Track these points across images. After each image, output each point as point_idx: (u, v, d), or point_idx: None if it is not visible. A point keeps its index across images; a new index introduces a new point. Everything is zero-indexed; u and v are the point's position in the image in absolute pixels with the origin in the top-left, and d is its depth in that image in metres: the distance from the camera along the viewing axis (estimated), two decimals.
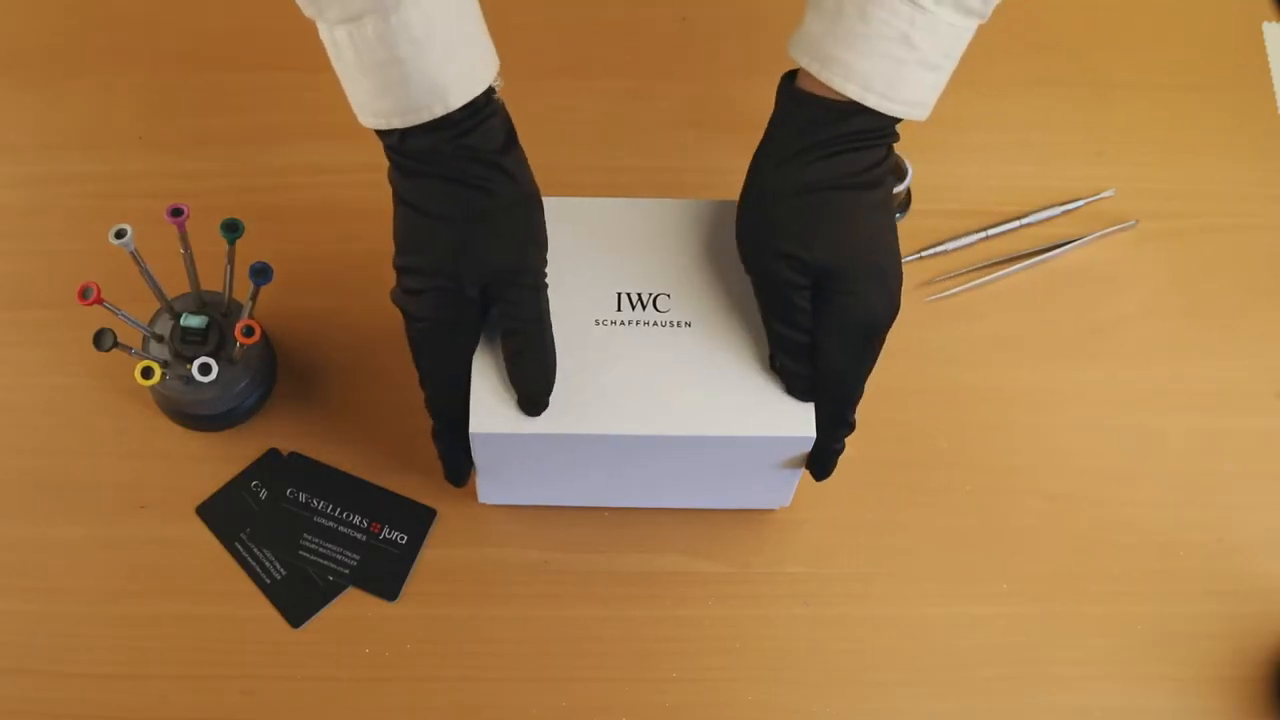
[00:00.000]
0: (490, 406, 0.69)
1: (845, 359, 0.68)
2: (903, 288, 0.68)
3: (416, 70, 0.63)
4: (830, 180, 0.66)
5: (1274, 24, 1.00)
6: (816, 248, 0.66)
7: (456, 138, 0.65)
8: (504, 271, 0.67)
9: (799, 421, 0.69)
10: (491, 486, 0.78)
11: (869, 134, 0.65)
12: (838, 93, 0.64)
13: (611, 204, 0.74)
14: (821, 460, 0.72)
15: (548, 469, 0.75)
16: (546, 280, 0.69)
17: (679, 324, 0.71)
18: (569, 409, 0.69)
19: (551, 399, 0.68)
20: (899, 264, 0.68)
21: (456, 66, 0.63)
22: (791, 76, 0.67)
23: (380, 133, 0.66)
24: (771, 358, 0.70)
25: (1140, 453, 0.85)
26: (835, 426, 0.70)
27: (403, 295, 0.68)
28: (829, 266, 0.66)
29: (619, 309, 0.71)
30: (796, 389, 0.69)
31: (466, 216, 0.66)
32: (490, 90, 0.66)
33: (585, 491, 0.80)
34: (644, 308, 0.71)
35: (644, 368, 0.69)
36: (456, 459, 0.73)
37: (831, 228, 0.66)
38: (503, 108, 0.67)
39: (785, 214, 0.66)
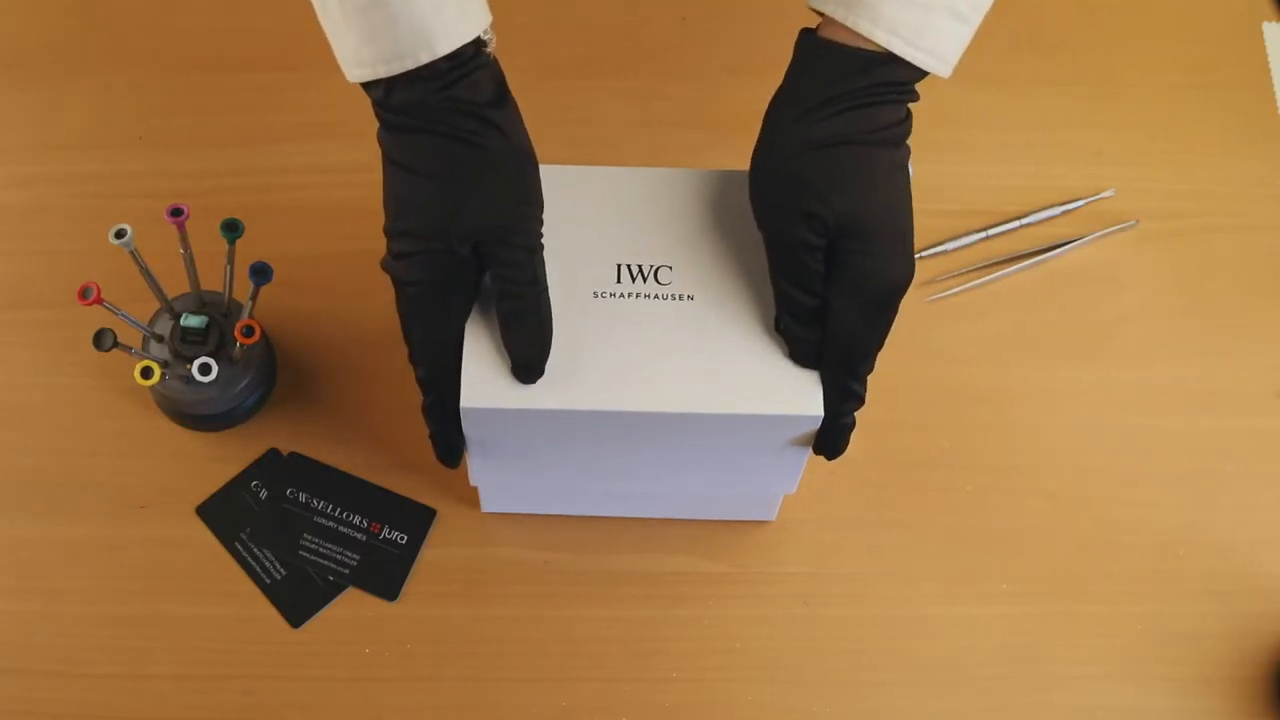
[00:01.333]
0: (483, 380, 0.66)
1: (859, 324, 0.65)
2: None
3: (403, 13, 0.61)
4: (852, 135, 0.64)
5: (1274, 24, 1.00)
6: (837, 204, 0.63)
7: (443, 89, 0.62)
8: (496, 230, 0.64)
9: (807, 400, 0.66)
10: (486, 475, 0.76)
11: (892, 87, 0.64)
12: (862, 39, 0.63)
13: (612, 173, 0.71)
14: (831, 436, 0.68)
15: (543, 453, 0.72)
16: (543, 242, 0.66)
17: (681, 297, 0.68)
18: (564, 384, 0.66)
19: (547, 373, 0.66)
20: (912, 230, 0.66)
21: (444, 12, 0.61)
22: (809, 32, 0.66)
23: (368, 89, 0.64)
24: (776, 320, 0.67)
25: (1140, 453, 0.85)
26: (844, 398, 0.67)
27: (392, 261, 0.65)
28: (849, 225, 0.63)
29: (618, 280, 0.68)
30: (801, 354, 0.66)
31: (455, 173, 0.63)
32: (480, 43, 0.64)
33: (583, 482, 0.78)
34: (645, 280, 0.68)
35: (644, 342, 0.67)
36: (449, 437, 0.69)
37: (852, 184, 0.63)
38: (495, 63, 0.65)
39: (805, 168, 0.64)
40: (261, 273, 0.76)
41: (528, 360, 0.65)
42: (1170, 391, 0.87)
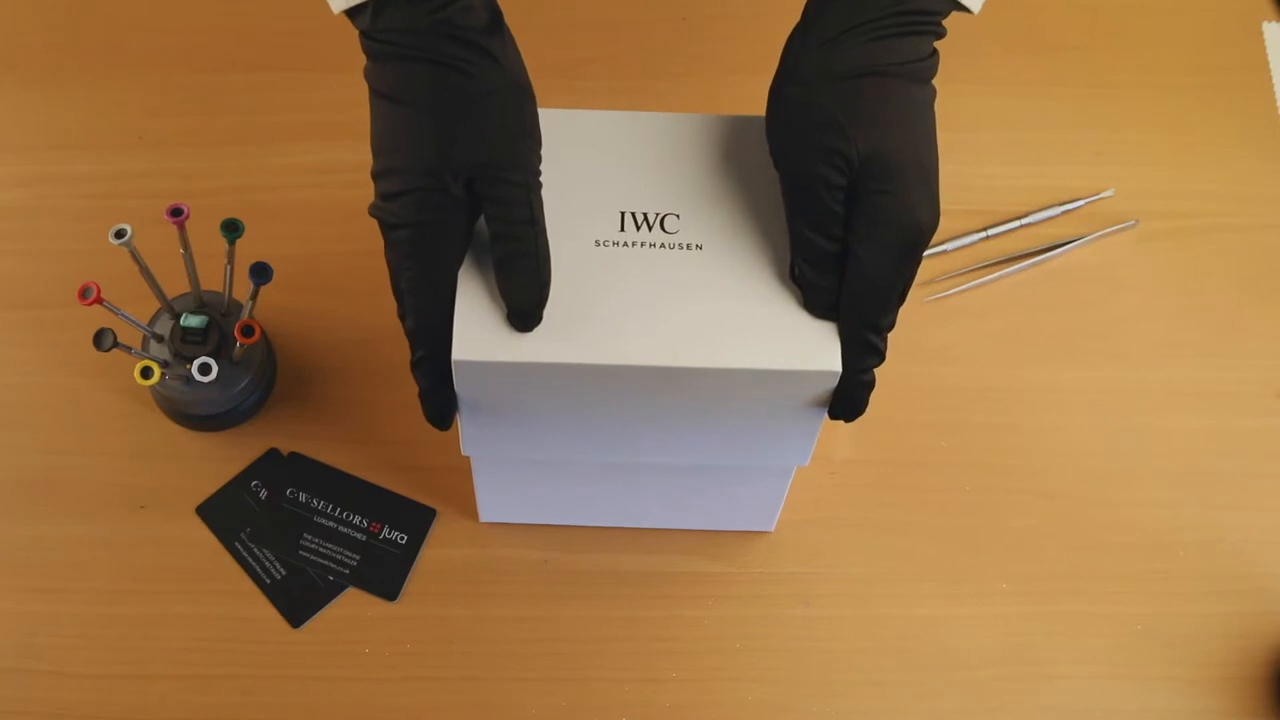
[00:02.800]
0: (476, 332, 0.61)
1: (881, 270, 0.61)
2: None
3: None
4: (880, 65, 0.60)
5: (1274, 24, 1.00)
6: (860, 139, 0.59)
7: (432, 12, 0.58)
8: (491, 164, 0.60)
9: (824, 355, 0.62)
10: (479, 443, 0.71)
11: (920, 17, 0.60)
12: None
13: (614, 117, 0.67)
14: (849, 394, 0.63)
15: (540, 415, 0.67)
16: (541, 181, 0.62)
17: (689, 246, 0.63)
18: (564, 337, 0.61)
19: (545, 326, 0.61)
20: (938, 172, 0.62)
21: None
22: None
23: (353, 18, 0.61)
24: (791, 267, 0.63)
25: (1140, 453, 0.85)
26: (863, 352, 0.62)
27: (380, 204, 0.61)
28: (873, 162, 0.60)
29: (622, 229, 0.64)
30: (817, 303, 0.62)
31: (446, 103, 0.59)
32: None
33: (581, 453, 0.72)
34: (650, 228, 0.64)
35: (649, 293, 0.62)
36: (439, 395, 0.65)
37: (877, 118, 0.60)
38: None
39: (826, 100, 0.60)
40: (261, 273, 0.76)
41: (525, 307, 0.61)
42: (1170, 391, 0.87)
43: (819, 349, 0.62)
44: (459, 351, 0.61)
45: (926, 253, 0.89)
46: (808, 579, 0.81)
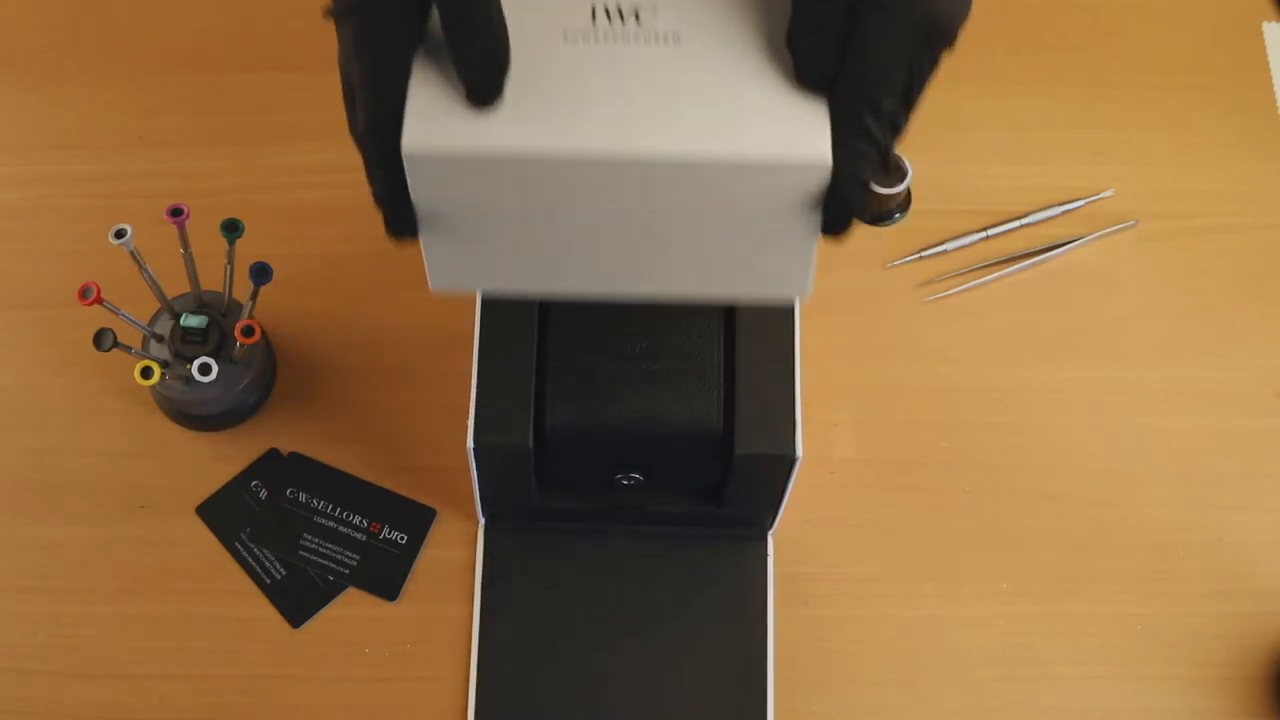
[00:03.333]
0: (429, 121, 0.56)
1: (890, 44, 0.52)
2: (901, 284, 0.62)
3: None
4: None
5: (1274, 24, 1.00)
6: None
7: None
8: None
9: (810, 141, 0.55)
10: (441, 259, 0.63)
11: None
12: None
13: None
14: (838, 192, 0.55)
15: (505, 235, 0.61)
16: None
17: (665, 38, 0.58)
18: (525, 125, 0.56)
19: (506, 118, 0.56)
20: None
21: None
22: None
23: None
24: (789, 33, 0.56)
25: (1140, 453, 0.85)
26: (857, 136, 0.54)
27: (331, 5, 0.56)
28: None
29: (593, 21, 0.58)
30: (810, 72, 0.55)
31: None
32: None
33: (547, 261, 0.64)
34: (623, 21, 0.58)
35: (620, 84, 0.57)
36: (396, 197, 0.59)
37: None
38: None
39: None
40: (261, 273, 0.76)
41: (483, 78, 0.56)
42: (1170, 391, 0.87)
43: (805, 136, 0.55)
44: (410, 142, 0.56)
45: (927, 252, 0.90)
46: (808, 579, 0.81)
